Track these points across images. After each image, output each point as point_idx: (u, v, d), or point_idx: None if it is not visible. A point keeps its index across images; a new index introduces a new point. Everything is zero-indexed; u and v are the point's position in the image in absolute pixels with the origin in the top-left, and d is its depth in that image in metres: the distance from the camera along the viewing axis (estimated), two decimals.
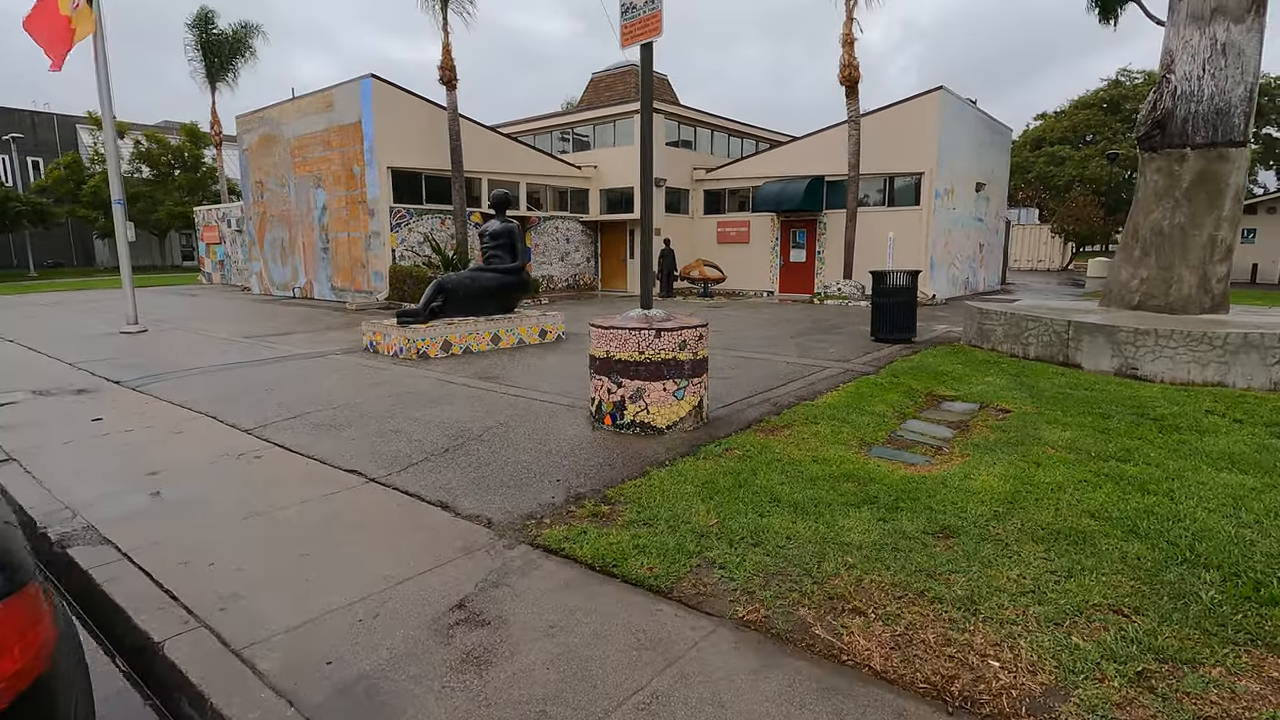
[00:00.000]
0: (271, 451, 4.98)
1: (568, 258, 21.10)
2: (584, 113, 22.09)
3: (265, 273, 21.03)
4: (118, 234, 11.49)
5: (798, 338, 10.71)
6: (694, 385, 5.38)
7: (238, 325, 12.87)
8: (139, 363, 8.65)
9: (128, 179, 37.77)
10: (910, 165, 17.29)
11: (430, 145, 16.78)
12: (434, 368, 8.17)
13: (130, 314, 11.64)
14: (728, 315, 14.36)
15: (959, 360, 8.22)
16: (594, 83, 27.16)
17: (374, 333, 9.28)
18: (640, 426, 5.28)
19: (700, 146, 22.01)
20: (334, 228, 17.65)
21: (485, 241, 10.15)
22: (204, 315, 14.84)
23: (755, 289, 20.50)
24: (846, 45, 16.38)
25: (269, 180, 20.03)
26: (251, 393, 6.85)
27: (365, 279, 16.90)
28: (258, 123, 20.01)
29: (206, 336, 11.23)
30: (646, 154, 5.51)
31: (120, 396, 6.82)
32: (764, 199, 19.07)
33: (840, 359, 8.63)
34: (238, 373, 7.94)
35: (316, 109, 17.46)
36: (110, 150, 11.18)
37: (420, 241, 16.95)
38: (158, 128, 43.83)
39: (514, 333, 9.83)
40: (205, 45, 28.65)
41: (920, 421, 5.73)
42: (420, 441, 5.14)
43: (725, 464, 4.50)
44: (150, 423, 5.79)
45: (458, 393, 6.77)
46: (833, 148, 18.31)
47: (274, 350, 9.63)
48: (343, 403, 6.38)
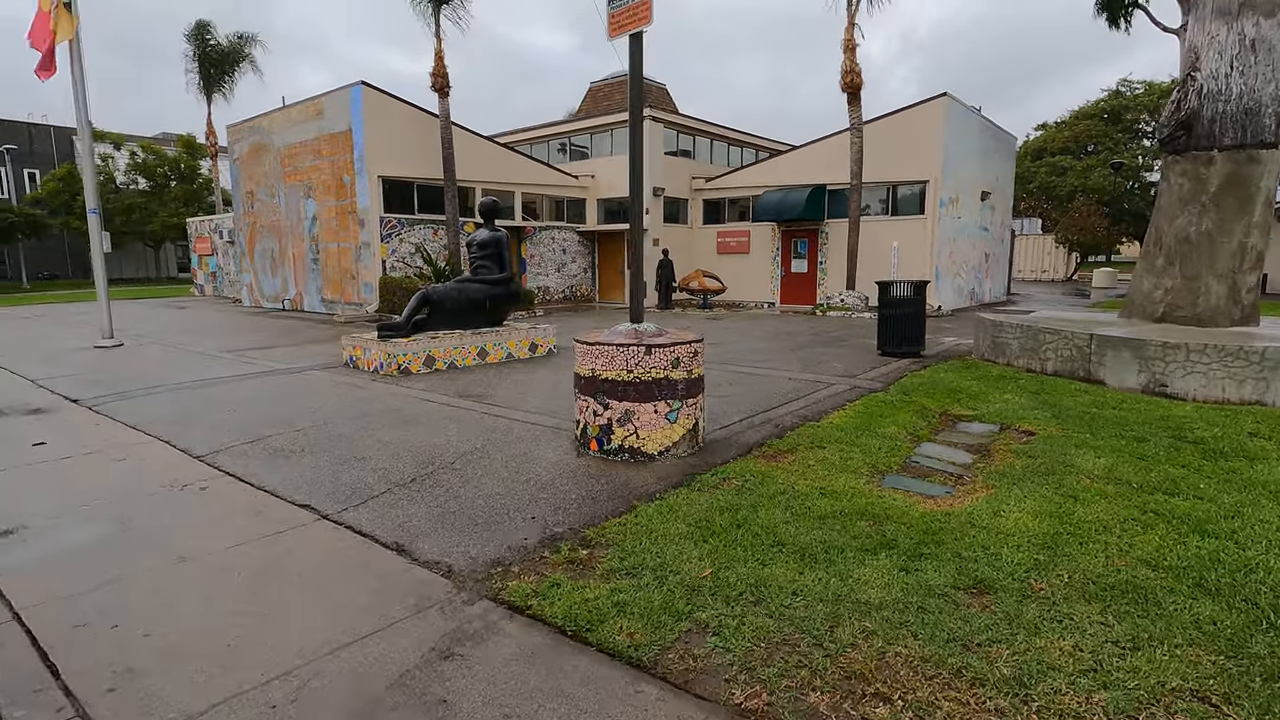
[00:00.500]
0: (220, 482, 4.49)
1: (564, 269, 20.67)
2: (581, 122, 21.75)
3: (256, 284, 20.61)
4: (93, 244, 11.05)
5: (800, 351, 10.23)
6: (688, 407, 4.89)
7: (220, 339, 12.41)
8: (105, 379, 8.18)
9: (124, 190, 37.55)
10: (914, 173, 16.87)
11: (422, 154, 16.39)
12: (414, 384, 7.69)
13: (105, 328, 11.18)
14: (727, 327, 13.89)
15: (973, 376, 7.73)
16: (592, 92, 26.88)
17: (354, 347, 8.81)
18: (629, 453, 4.78)
19: (699, 155, 21.64)
20: (324, 238, 17.24)
21: (473, 251, 9.70)
22: (188, 328, 14.39)
23: (756, 300, 20.05)
24: (848, 51, 16.01)
25: (259, 190, 19.65)
26: (214, 413, 6.37)
27: (355, 291, 16.46)
28: (248, 132, 19.66)
29: (184, 351, 10.77)
30: (636, 156, 5.06)
31: (75, 417, 6.34)
32: (764, 208, 18.65)
33: (846, 374, 8.15)
34: (205, 391, 7.46)
35: (306, 117, 17.10)
36: (86, 158, 10.77)
37: (412, 252, 16.52)
38: (155, 139, 43.65)
39: (502, 346, 9.36)
40: (202, 56, 28.41)
41: (936, 445, 5.24)
42: (385, 470, 4.65)
43: (722, 497, 4.01)
44: (96, 447, 5.30)
45: (435, 413, 6.29)
46: (835, 156, 17.91)
47: (251, 366, 9.15)
48: (309, 424, 5.89)
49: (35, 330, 14.23)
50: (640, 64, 4.90)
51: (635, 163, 5.06)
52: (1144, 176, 46.32)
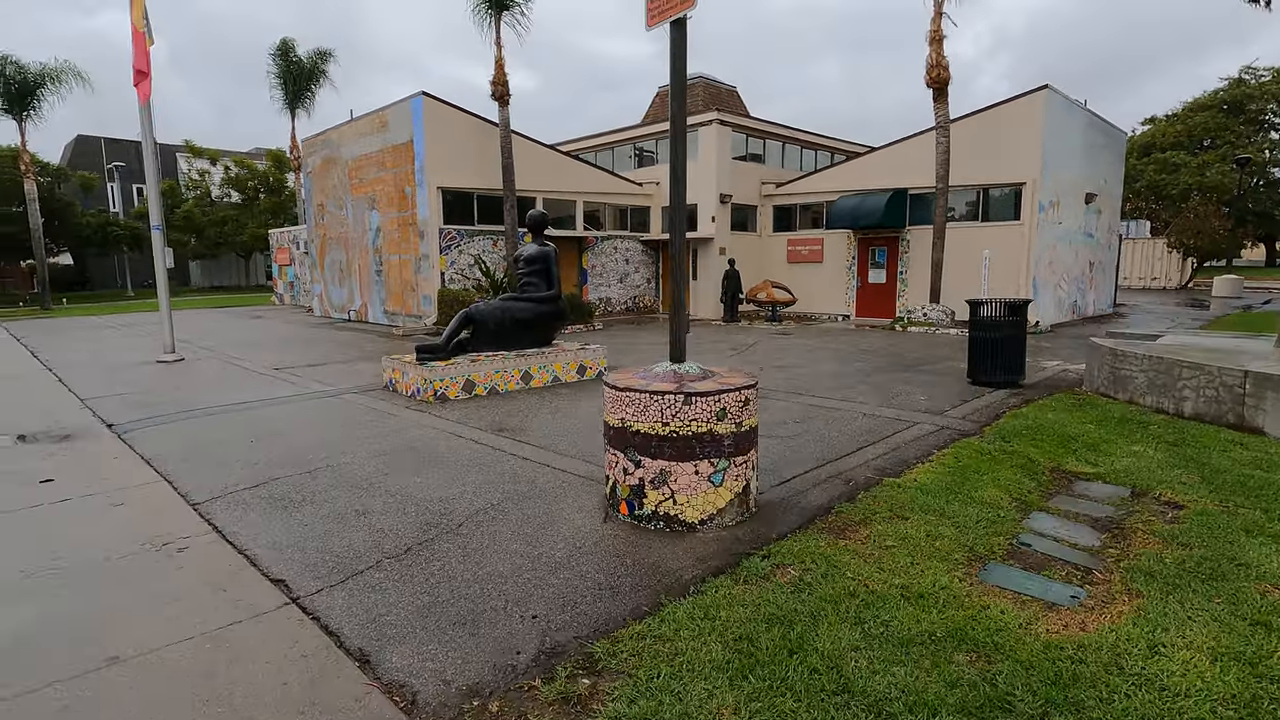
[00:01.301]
0: (202, 541, 3.99)
1: (627, 279, 20.04)
2: (647, 127, 21.12)
3: (325, 295, 20.98)
4: (156, 260, 11.18)
5: (877, 376, 9.15)
6: (737, 466, 4.06)
7: (276, 353, 12.38)
8: (148, 401, 8.05)
9: (218, 203, 39.66)
10: (1009, 175, 15.31)
11: (482, 164, 16.12)
12: (448, 413, 7.14)
13: (167, 342, 11.29)
14: (796, 345, 12.86)
15: (1089, 417, 6.52)
16: (660, 96, 26.28)
17: (393, 369, 8.38)
18: (664, 520, 3.99)
19: (770, 160, 20.59)
20: (387, 250, 17.25)
21: (520, 267, 9.14)
22: (252, 341, 14.56)
23: (829, 312, 18.82)
24: (934, 43, 14.68)
25: (329, 202, 19.98)
26: (232, 446, 5.98)
27: (415, 303, 16.35)
28: (320, 145, 20.04)
29: (236, 367, 10.70)
30: (679, 152, 4.28)
31: (98, 447, 6.09)
32: (839, 214, 17.45)
33: (931, 409, 7.07)
34: (237, 416, 7.15)
35: (372, 130, 17.17)
36: (150, 177, 10.89)
37: (470, 264, 16.27)
38: (248, 154, 46.05)
39: (548, 370, 8.74)
40: (285, 74, 29.55)
41: (1051, 517, 4.20)
42: (383, 531, 4.04)
43: (774, 596, 3.16)
44: (100, 489, 4.95)
45: (459, 452, 5.68)
46: (918, 157, 16.54)
47: (292, 387, 8.89)
48: (323, 463, 5.39)
49: (114, 341, 14.72)
50: (683, 55, 4.11)
51: (677, 159, 4.27)
52: (1272, 173, 41.74)
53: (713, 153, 18.46)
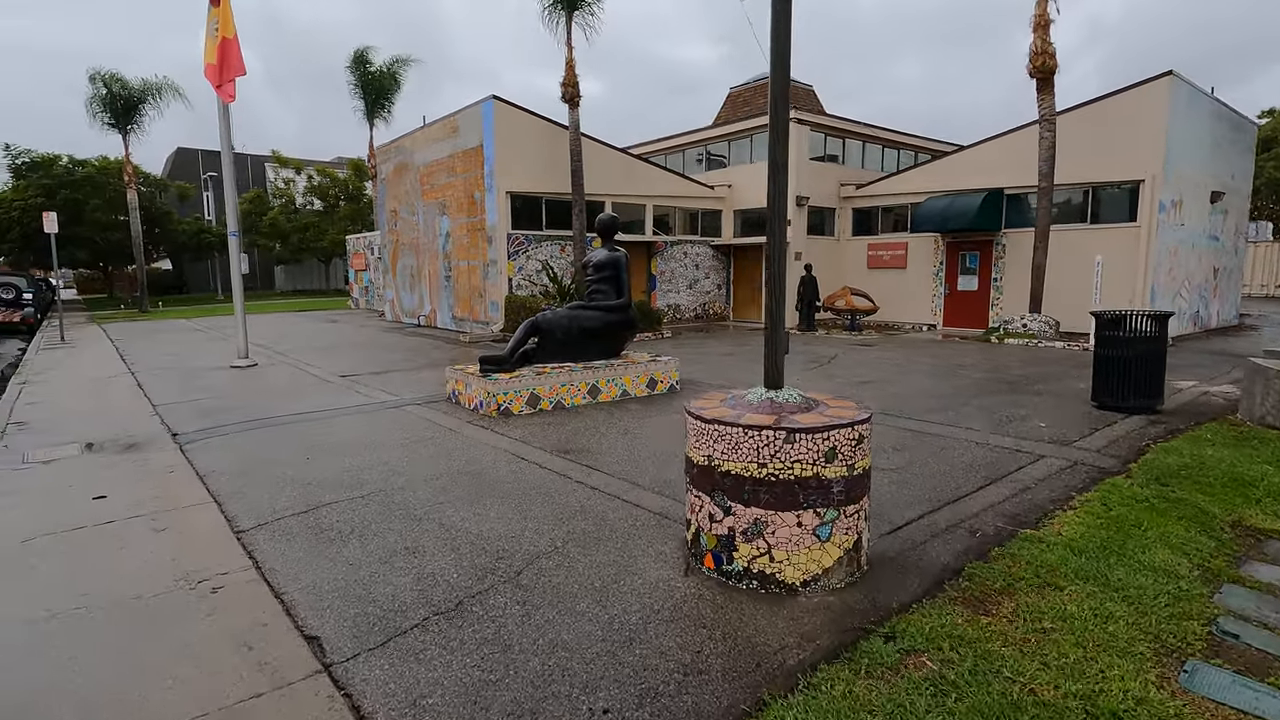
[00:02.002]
0: (239, 579, 3.59)
1: (696, 285, 19.38)
2: (717, 129, 20.42)
3: (397, 300, 21.22)
4: (232, 266, 11.29)
5: (984, 397, 8.18)
6: (848, 517, 3.37)
7: (345, 359, 12.35)
8: (216, 408, 7.96)
9: (302, 210, 41.30)
10: (1123, 172, 13.85)
11: (550, 167, 15.82)
12: (512, 430, 6.68)
13: (241, 348, 11.39)
14: (881, 357, 11.89)
15: (1263, 455, 5.45)
16: (731, 98, 25.55)
17: (456, 380, 8.02)
18: (758, 579, 3.34)
19: (849, 160, 19.53)
20: (456, 255, 17.19)
21: (588, 273, 8.65)
22: (324, 346, 14.68)
23: (912, 322, 17.61)
24: (1039, 29, 13.42)
25: (401, 208, 20.18)
26: (288, 462, 5.67)
27: (483, 309, 16.19)
28: (394, 152, 20.28)
29: (306, 374, 10.64)
30: (779, 131, 3.63)
31: (158, 459, 5.91)
32: (926, 217, 16.27)
33: (1057, 438, 6.12)
34: (297, 428, 6.90)
35: (443, 135, 17.16)
36: (228, 176, 11.00)
37: (538, 270, 15.98)
38: (331, 163, 47.91)
39: (617, 383, 8.19)
40: (363, 83, 30.35)
41: (1251, 592, 3.32)
42: (434, 577, 3.54)
43: (910, 701, 2.46)
44: (148, 508, 4.68)
45: (522, 477, 5.17)
46: (1015, 154, 15.23)
47: (355, 396, 8.67)
48: (377, 486, 4.98)
49: (196, 344, 15.14)
50: (787, 18, 3.47)
51: (777, 155, 3.63)
52: None
53: (790, 153, 17.54)
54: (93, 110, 26.31)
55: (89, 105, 26.19)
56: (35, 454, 6.09)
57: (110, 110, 26.43)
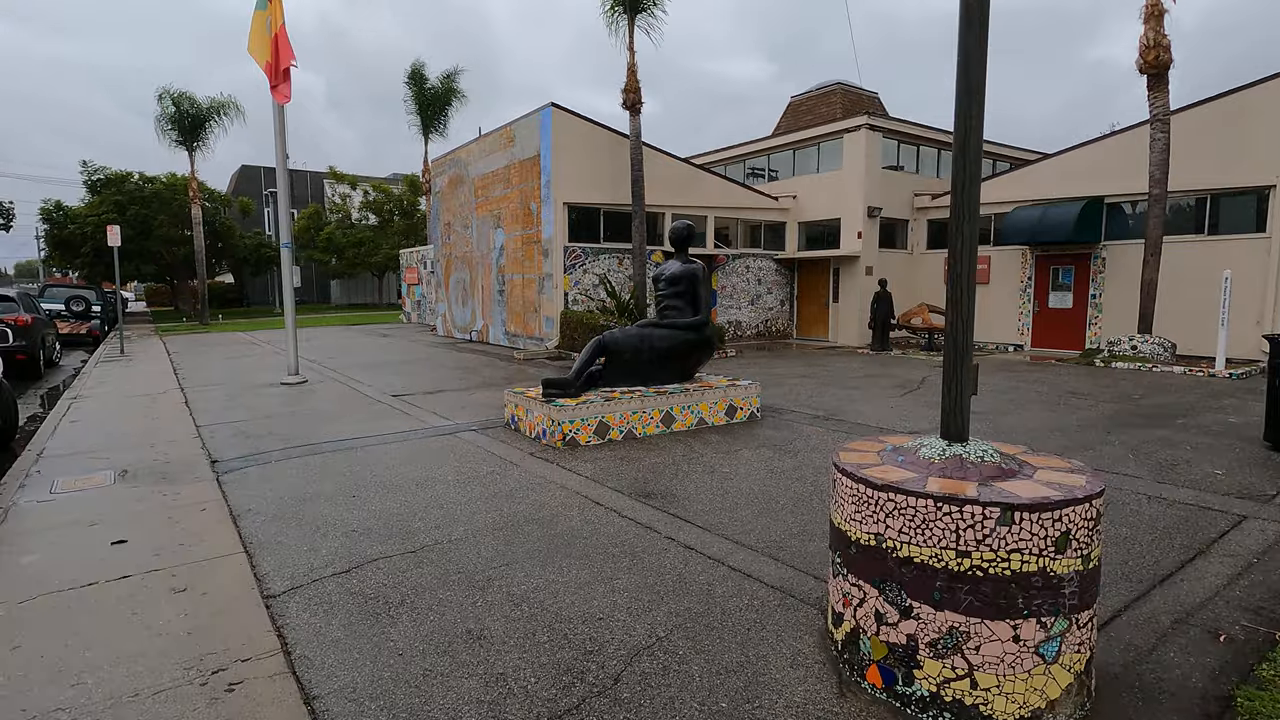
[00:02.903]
0: (262, 670, 2.83)
1: (759, 301, 18.41)
2: (781, 137, 19.49)
3: (449, 314, 20.84)
4: (284, 279, 10.90)
5: (1120, 432, 7.01)
6: (1080, 629, 2.41)
7: (397, 376, 11.81)
8: (260, 431, 7.39)
9: (356, 225, 41.89)
10: (1247, 176, 12.39)
11: (609, 177, 15.16)
12: (580, 464, 5.87)
13: (291, 364, 10.95)
14: (981, 383, 10.70)
15: None
16: (792, 107, 24.61)
17: (516, 406, 7.26)
18: (954, 713, 2.40)
19: (924, 169, 18.35)
20: (510, 269, 16.65)
21: (660, 288, 7.83)
22: (375, 362, 14.23)
23: (996, 341, 16.26)
24: (1151, 20, 12.15)
25: (455, 222, 19.83)
26: (332, 501, 4.97)
27: (537, 325, 15.56)
28: (449, 165, 19.99)
29: (355, 392, 10.09)
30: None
31: (191, 492, 5.29)
32: (1016, 228, 14.98)
33: (1246, 491, 4.98)
34: (343, 457, 6.24)
35: (498, 146, 16.71)
36: (282, 186, 10.64)
37: (595, 284, 15.29)
38: (386, 179, 48.70)
39: (693, 410, 7.32)
40: (419, 98, 30.52)
41: None
42: (505, 680, 2.71)
43: None
44: (170, 559, 4.01)
45: (601, 530, 4.34)
46: (1116, 159, 13.89)
47: (406, 419, 8.01)
48: (431, 538, 4.21)
49: (249, 359, 14.90)
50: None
51: (971, 114, 2.73)
52: None
53: (861, 160, 16.56)
54: (161, 128, 26.99)
55: (158, 123, 26.88)
56: (65, 482, 5.55)
57: (178, 128, 27.07)
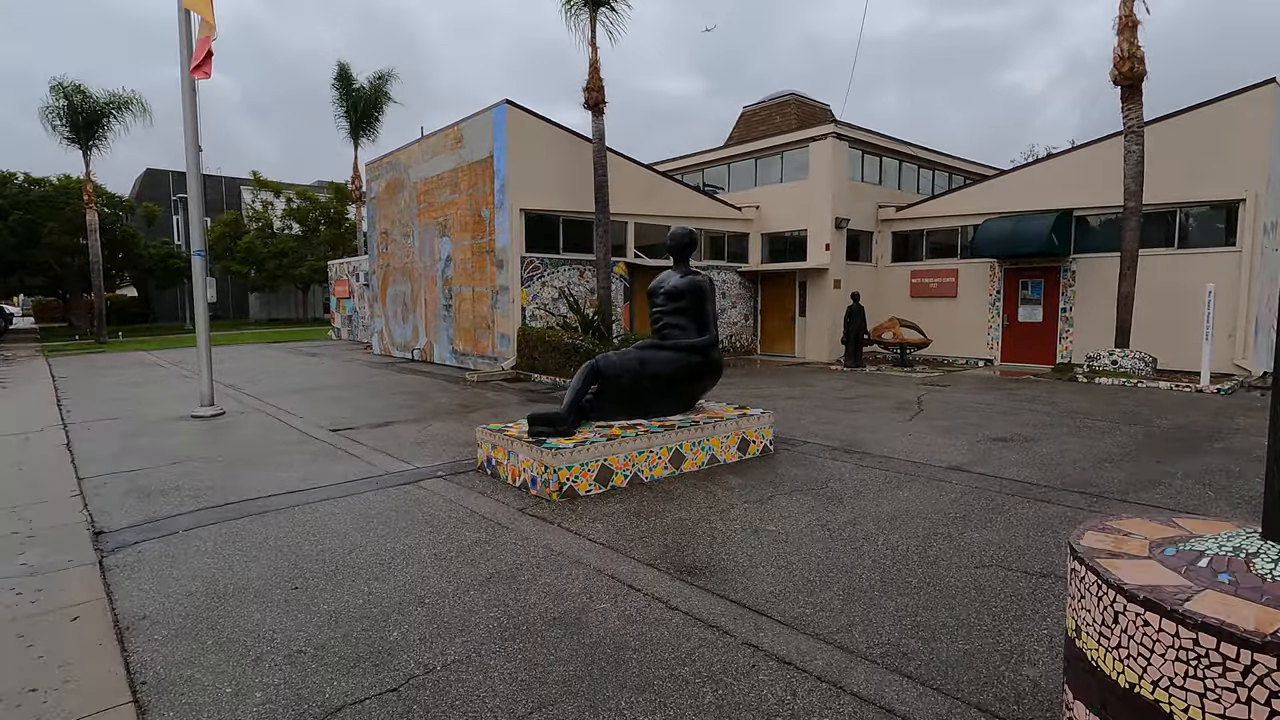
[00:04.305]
0: None
1: (723, 315, 17.58)
2: (742, 145, 18.83)
3: (386, 331, 19.11)
4: (197, 291, 9.25)
5: (1170, 460, 6.37)
6: None
7: (333, 405, 10.25)
8: (163, 486, 5.85)
9: (278, 235, 39.05)
10: (1218, 190, 12.40)
11: (570, 182, 14.02)
12: (589, 525, 4.69)
13: (205, 393, 9.27)
14: (978, 402, 10.09)
15: None
16: (745, 117, 24.10)
17: (494, 447, 6.00)
18: None
19: (887, 180, 18.03)
20: (459, 281, 15.21)
21: (659, 303, 6.74)
22: (306, 386, 12.53)
23: (965, 356, 15.95)
24: (1125, 30, 12.03)
25: (394, 230, 18.20)
26: (263, 599, 3.62)
27: (490, 342, 14.19)
28: (385, 168, 18.37)
29: (285, 425, 8.54)
30: None
31: (61, 590, 3.82)
32: (988, 241, 14.69)
33: None
34: (275, 524, 4.84)
35: (444, 147, 15.31)
36: (193, 188, 9.04)
37: (555, 298, 14.07)
38: (312, 187, 45.84)
39: (703, 446, 6.25)
40: (346, 101, 28.58)
41: None
42: None
43: None
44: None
45: (650, 631, 3.18)
46: (1085, 171, 13.79)
47: (354, 462, 6.60)
48: (415, 663, 2.96)
49: (154, 385, 12.92)
50: None
51: None
52: None
53: (827, 170, 16.01)
54: (50, 122, 24.09)
55: (46, 116, 23.99)
56: None
57: (70, 124, 24.23)
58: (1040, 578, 3.78)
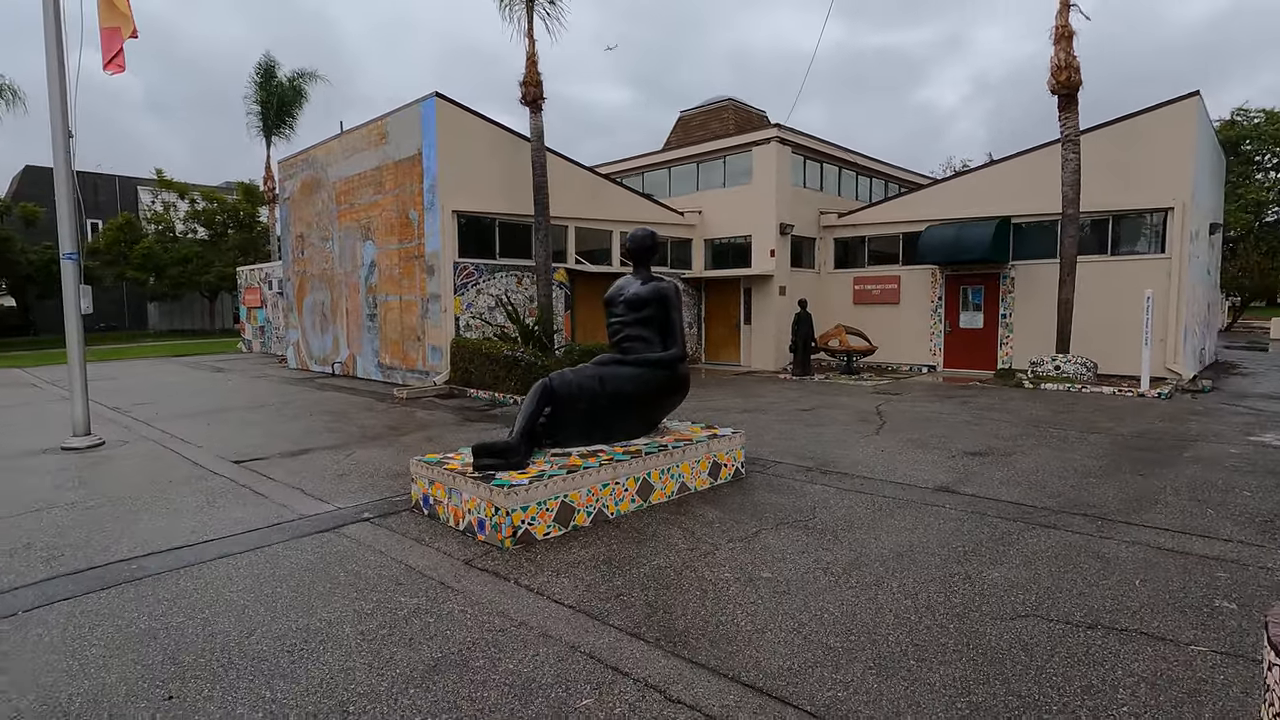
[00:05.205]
0: None
1: None
2: (683, 149, 18.36)
3: (303, 343, 17.57)
4: (67, 300, 7.87)
5: (1152, 474, 6.12)
6: None
7: (239, 430, 9.01)
8: (13, 543, 4.69)
9: (181, 239, 36.11)
10: (1149, 199, 12.73)
11: (506, 183, 13.14)
12: (552, 581, 3.90)
13: (79, 420, 7.91)
14: (939, 412, 9.82)
15: None
16: (682, 121, 23.73)
17: (431, 483, 5.11)
18: None
19: (827, 187, 17.94)
20: (384, 289, 14.03)
21: (618, 313, 6.03)
22: (207, 407, 11.13)
23: (909, 363, 15.93)
24: (1061, 41, 12.20)
25: (311, 233, 16.75)
26: (122, 717, 2.67)
27: (420, 355, 13.09)
28: (301, 166, 16.91)
29: (177, 457, 7.32)
30: None
31: None
32: (932, 247, 14.69)
33: None
34: (153, 596, 3.82)
35: (367, 144, 14.12)
36: (61, 180, 7.69)
37: (491, 306, 13.12)
38: (219, 188, 42.75)
39: (672, 474, 5.56)
40: (263, 96, 26.64)
41: None
42: None
43: None
44: None
45: None
46: (1023, 179, 13.98)
47: (260, 504, 5.56)
48: None
49: (20, 407, 11.20)
50: None
51: None
52: (1270, 213, 40.33)
53: (772, 175, 15.72)
54: None
55: None
56: None
57: None
58: (1088, 630, 3.27)
